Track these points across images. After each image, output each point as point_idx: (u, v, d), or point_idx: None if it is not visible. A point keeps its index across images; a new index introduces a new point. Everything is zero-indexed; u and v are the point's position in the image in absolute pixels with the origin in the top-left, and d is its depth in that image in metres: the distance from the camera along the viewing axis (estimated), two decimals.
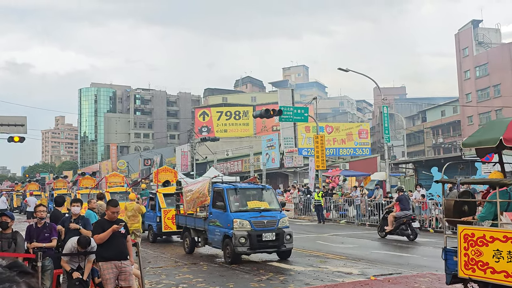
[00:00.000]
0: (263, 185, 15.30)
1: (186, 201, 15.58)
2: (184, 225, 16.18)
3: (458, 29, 70.87)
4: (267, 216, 13.45)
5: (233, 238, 12.88)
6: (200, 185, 15.41)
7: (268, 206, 13.93)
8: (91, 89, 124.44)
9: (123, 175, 32.10)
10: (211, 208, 14.32)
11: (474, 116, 64.72)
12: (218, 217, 13.87)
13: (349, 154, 55.72)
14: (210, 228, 14.19)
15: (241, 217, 13.19)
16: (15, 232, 8.58)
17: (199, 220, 14.97)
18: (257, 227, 13.12)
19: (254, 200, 14.11)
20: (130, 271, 8.17)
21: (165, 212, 18.49)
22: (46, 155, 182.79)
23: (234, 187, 14.13)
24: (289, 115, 28.55)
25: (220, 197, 13.91)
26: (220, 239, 13.61)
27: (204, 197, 14.71)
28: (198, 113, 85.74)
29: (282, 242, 13.23)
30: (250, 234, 12.91)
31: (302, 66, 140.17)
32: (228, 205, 13.49)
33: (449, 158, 28.37)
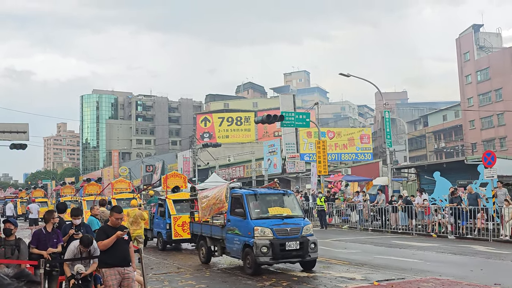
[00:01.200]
0: (285, 190, 14.30)
1: (202, 208, 14.73)
2: (199, 233, 15.20)
3: (459, 33, 71.03)
4: (290, 223, 12.54)
5: (254, 248, 12.00)
6: (216, 190, 14.43)
7: (290, 213, 13.05)
8: (93, 95, 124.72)
9: (130, 181, 31.63)
10: (229, 215, 13.40)
11: (476, 120, 64.69)
12: (237, 224, 12.97)
13: (351, 159, 55.65)
14: (229, 237, 13.28)
15: (263, 225, 12.30)
16: (18, 239, 8.58)
17: (216, 228, 14.07)
18: (279, 235, 12.23)
19: (276, 206, 13.20)
20: (133, 278, 8.16)
21: (175, 219, 17.89)
22: (48, 162, 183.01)
23: (253, 193, 13.20)
24: (290, 120, 28.56)
25: (239, 203, 13.05)
26: (239, 248, 12.72)
27: (222, 203, 13.78)
28: (200, 119, 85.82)
29: (307, 251, 12.33)
30: (272, 243, 12.04)
31: (303, 71, 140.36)
32: (248, 212, 12.62)
33: (452, 162, 28.35)
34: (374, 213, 25.64)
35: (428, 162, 39.62)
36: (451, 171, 25.41)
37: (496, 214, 19.19)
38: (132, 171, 76.34)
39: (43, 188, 54.92)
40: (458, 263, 13.91)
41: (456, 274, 11.88)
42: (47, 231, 8.86)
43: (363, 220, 25.98)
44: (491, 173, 19.55)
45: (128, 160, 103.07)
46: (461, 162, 25.80)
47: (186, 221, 17.30)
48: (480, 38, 68.96)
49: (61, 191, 43.73)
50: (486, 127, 63.63)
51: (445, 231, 20.79)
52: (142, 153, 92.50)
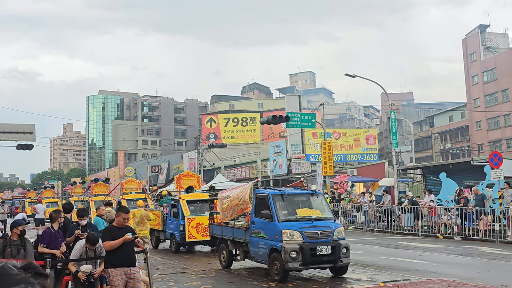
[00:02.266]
0: (313, 190, 13.36)
1: (223, 209, 13.79)
2: (219, 236, 14.34)
3: (465, 34, 70.73)
4: (320, 226, 11.65)
5: (283, 252, 11.10)
6: (239, 190, 13.48)
7: (320, 215, 12.14)
8: (98, 96, 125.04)
9: (139, 181, 30.84)
10: (253, 217, 12.50)
11: (482, 121, 64.42)
12: (262, 227, 12.08)
13: (356, 160, 55.60)
14: (253, 240, 12.38)
15: (291, 228, 11.38)
16: (23, 239, 8.63)
17: (239, 230, 13.21)
18: (309, 239, 11.33)
19: (304, 207, 12.29)
20: (139, 278, 8.18)
21: (189, 220, 17.10)
22: (55, 162, 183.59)
23: (280, 193, 12.34)
24: (296, 121, 28.49)
25: (264, 204, 12.16)
26: (265, 253, 11.82)
27: (245, 204, 12.81)
28: (205, 120, 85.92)
29: (339, 256, 11.39)
30: (302, 247, 11.11)
31: (309, 72, 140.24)
32: (275, 213, 11.73)
33: (458, 163, 28.26)
34: (380, 214, 25.58)
35: (434, 163, 39.51)
36: (457, 172, 25.33)
37: (502, 215, 19.10)
38: (138, 171, 76.50)
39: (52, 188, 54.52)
40: (464, 264, 13.85)
41: (462, 275, 11.84)
42: (54, 230, 8.90)
43: (368, 221, 25.93)
44: (498, 174, 19.47)
45: (134, 160, 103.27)
46: (468, 163, 25.74)
47: (201, 222, 16.92)
48: (486, 38, 68.67)
49: (71, 191, 43.38)
50: (493, 128, 63.36)
51: (451, 232, 20.71)
52: (148, 154, 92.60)
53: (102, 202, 24.19)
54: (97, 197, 29.98)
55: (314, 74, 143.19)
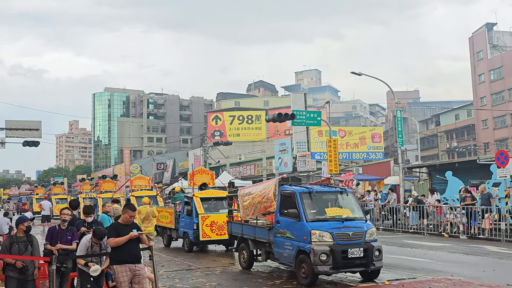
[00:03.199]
0: (342, 188, 12.55)
1: (243, 207, 13.10)
2: (239, 235, 13.65)
3: (472, 32, 70.42)
4: (351, 226, 10.90)
5: (312, 255, 10.38)
6: (262, 187, 12.75)
7: (350, 214, 11.38)
8: (104, 93, 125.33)
9: (149, 178, 29.91)
10: (278, 216, 11.78)
11: (489, 119, 64.16)
12: (288, 227, 11.34)
13: (362, 158, 55.56)
14: (278, 241, 11.71)
15: (321, 228, 10.65)
16: (29, 235, 8.67)
17: (261, 230, 12.52)
18: (340, 240, 10.59)
19: (333, 206, 11.60)
20: (144, 274, 8.20)
21: (203, 218, 16.51)
22: (60, 159, 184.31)
23: (308, 191, 11.59)
24: (302, 119, 28.44)
25: (290, 202, 11.45)
26: (292, 255, 11.11)
27: (269, 202, 12.08)
28: (211, 117, 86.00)
29: (371, 259, 10.66)
30: (333, 249, 10.39)
31: (314, 70, 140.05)
32: (303, 212, 11.01)
33: (464, 162, 28.17)
34: (385, 212, 25.53)
35: (440, 162, 39.40)
36: (463, 171, 25.25)
37: (509, 214, 19.03)
38: (143, 169, 76.65)
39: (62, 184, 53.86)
40: (470, 263, 13.82)
41: (468, 274, 11.81)
42: (60, 228, 8.93)
43: (374, 220, 25.88)
44: (504, 173, 19.39)
45: (139, 158, 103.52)
46: (474, 162, 25.64)
47: (215, 220, 16.49)
48: (493, 36, 68.35)
49: (79, 187, 42.25)
50: (499, 127, 63.10)
51: (457, 231, 20.65)
52: (153, 151, 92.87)
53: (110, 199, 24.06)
54: (105, 194, 29.70)
55: (320, 72, 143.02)
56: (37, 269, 8.45)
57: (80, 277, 8.38)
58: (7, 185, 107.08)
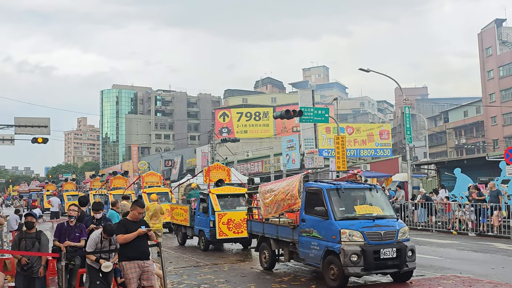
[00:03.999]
0: (371, 184, 11.81)
1: (265, 204, 12.44)
2: (260, 234, 13.03)
3: (481, 28, 69.95)
4: (383, 225, 10.29)
5: (342, 255, 9.79)
6: (285, 183, 12.04)
7: (381, 212, 10.80)
8: (112, 90, 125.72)
9: (160, 175, 29.18)
10: (303, 214, 11.13)
11: (498, 116, 63.75)
12: (315, 225, 10.71)
13: (370, 155, 55.36)
14: (303, 240, 11.06)
15: (351, 227, 10.05)
16: (39, 232, 8.73)
17: (285, 228, 11.87)
18: (372, 240, 9.99)
19: (362, 203, 11.03)
20: (153, 271, 8.23)
21: (219, 216, 15.92)
22: (69, 156, 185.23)
23: (336, 187, 10.93)
24: (309, 116, 28.38)
25: (317, 200, 10.81)
26: (319, 255, 10.48)
27: (293, 199, 11.36)
28: (218, 114, 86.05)
29: (404, 260, 10.04)
30: (364, 250, 9.80)
31: (322, 66, 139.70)
32: (332, 210, 10.38)
33: (473, 159, 28.03)
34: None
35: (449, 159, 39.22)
36: (472, 168, 25.13)
37: None
38: (151, 165, 76.87)
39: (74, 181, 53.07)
40: (478, 261, 13.75)
41: (477, 271, 11.75)
42: (68, 225, 8.97)
43: None
44: None
45: (147, 154, 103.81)
46: (482, 159, 25.51)
47: (232, 218, 15.97)
48: (502, 32, 67.89)
49: (90, 184, 41.55)
50: (508, 123, 62.68)
51: (466, 228, 20.54)
52: (161, 148, 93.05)
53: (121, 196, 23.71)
54: (116, 190, 29.30)
55: (328, 69, 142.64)
56: (42, 267, 8.48)
57: (89, 273, 8.43)
58: (16, 182, 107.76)
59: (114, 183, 32.09)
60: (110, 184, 32.41)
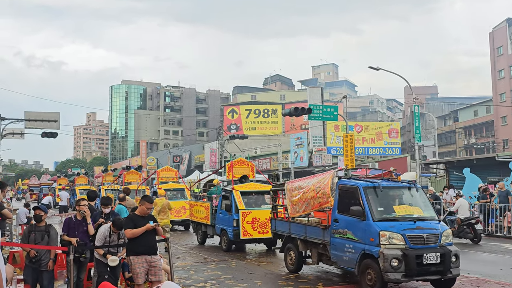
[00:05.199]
0: (410, 182, 10.97)
1: (292, 202, 11.67)
2: (286, 234, 12.25)
3: (492, 27, 69.44)
4: (425, 227, 9.52)
5: (381, 260, 9.04)
6: (316, 180, 11.18)
7: (422, 213, 10.01)
8: (122, 86, 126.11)
9: (176, 170, 27.68)
10: (336, 213, 10.35)
11: (508, 116, 63.31)
12: (350, 226, 9.92)
13: (378, 154, 55.20)
14: (336, 242, 10.26)
15: (391, 229, 9.28)
16: (48, 225, 8.78)
17: (315, 229, 11.06)
18: (413, 244, 9.22)
19: (402, 203, 10.22)
20: (160, 266, 8.27)
21: (243, 214, 14.93)
22: (78, 150, 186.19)
23: (373, 185, 10.12)
24: (318, 113, 28.28)
25: (352, 198, 10.09)
26: (354, 259, 9.71)
27: (325, 197, 10.55)
28: (227, 111, 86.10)
29: (448, 266, 9.29)
30: (406, 254, 9.03)
31: (331, 64, 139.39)
32: (369, 210, 9.62)
33: (482, 159, 27.86)
34: None
35: (458, 158, 39.01)
36: (481, 168, 24.99)
37: None
38: (160, 161, 77.16)
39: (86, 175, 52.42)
40: (487, 261, 13.69)
41: (485, 272, 11.70)
42: (76, 219, 9.02)
43: None
44: None
45: (155, 150, 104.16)
46: (492, 159, 25.36)
47: (257, 217, 14.98)
48: None
49: (102, 178, 40.61)
50: None
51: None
52: (169, 144, 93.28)
53: (135, 191, 22.12)
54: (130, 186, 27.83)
55: (337, 67, 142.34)
56: (51, 260, 8.55)
57: (98, 267, 8.48)
58: (26, 176, 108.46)
59: (127, 177, 31.08)
60: (123, 179, 31.39)
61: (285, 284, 10.52)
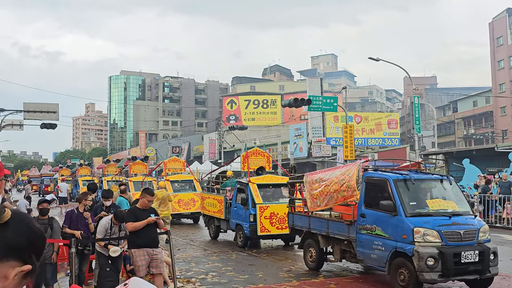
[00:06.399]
0: (443, 175, 10.34)
1: (312, 196, 10.94)
2: (305, 229, 11.52)
3: (492, 17, 69.21)
4: (461, 223, 8.91)
5: (416, 258, 8.41)
6: (339, 172, 10.46)
7: (457, 208, 9.37)
8: (120, 76, 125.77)
9: (184, 161, 26.16)
10: (362, 208, 9.71)
11: (508, 107, 63.29)
12: (379, 222, 9.31)
13: (378, 144, 55.28)
14: (363, 238, 9.63)
15: (425, 225, 8.67)
16: (51, 218, 8.79)
17: (338, 224, 10.41)
18: (450, 241, 8.62)
19: (434, 197, 9.53)
20: (161, 259, 8.30)
21: (261, 209, 14.00)
22: (77, 141, 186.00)
23: (404, 177, 9.47)
24: (318, 104, 28.28)
25: (381, 192, 9.50)
26: (384, 257, 9.08)
27: (351, 191, 9.78)
28: (226, 101, 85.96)
29: (487, 265, 8.72)
30: (443, 252, 8.41)
31: (331, 54, 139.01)
32: (401, 205, 8.96)
33: (481, 149, 27.88)
34: None
35: (457, 149, 39.05)
36: (480, 159, 24.99)
37: None
38: (159, 152, 77.13)
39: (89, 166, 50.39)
40: None
41: None
42: (78, 212, 9.03)
43: None
44: None
45: (154, 141, 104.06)
46: (491, 150, 25.35)
47: (275, 212, 14.05)
48: None
49: (104, 169, 38.94)
50: None
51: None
52: (168, 135, 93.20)
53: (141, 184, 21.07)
54: (136, 177, 26.92)
55: (336, 57, 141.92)
56: (54, 253, 8.57)
57: (99, 260, 8.50)
58: (25, 166, 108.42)
59: (133, 169, 29.73)
60: (129, 170, 29.91)
61: (285, 276, 10.55)
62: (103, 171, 38.67)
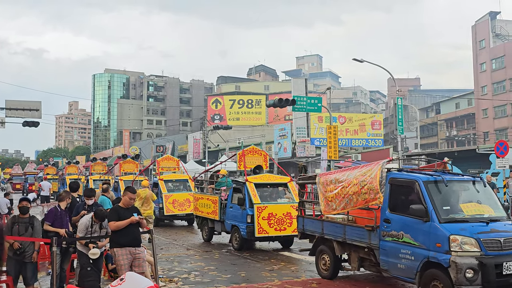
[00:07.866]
0: (474, 176, 9.35)
1: (327, 198, 10.00)
2: (318, 235, 10.57)
3: (475, 20, 70.05)
4: (500, 230, 7.95)
5: (453, 270, 7.50)
6: (359, 173, 9.44)
7: (493, 213, 8.48)
8: (104, 75, 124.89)
9: (178, 159, 25.55)
10: (387, 212, 8.78)
11: (489, 109, 64.10)
12: (407, 228, 8.35)
13: (361, 145, 55.63)
14: (387, 246, 8.66)
15: (462, 233, 7.74)
16: (32, 217, 8.71)
17: (357, 229, 9.47)
18: (489, 250, 7.65)
19: (468, 201, 8.63)
20: (144, 258, 8.27)
21: (259, 209, 13.43)
22: (60, 139, 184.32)
23: (436, 179, 8.54)
24: (302, 105, 28.34)
25: (408, 194, 8.67)
26: (413, 267, 8.13)
27: (373, 193, 8.84)
28: (211, 101, 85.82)
29: None
30: (483, 263, 7.48)
31: (316, 55, 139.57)
32: (434, 210, 8.06)
33: (463, 151, 28.24)
34: None
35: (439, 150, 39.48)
36: (462, 160, 25.34)
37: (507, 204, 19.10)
38: (143, 151, 76.74)
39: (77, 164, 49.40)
40: None
41: None
42: (61, 209, 8.98)
43: None
44: (503, 163, 19.45)
45: (138, 140, 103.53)
46: (473, 151, 25.75)
47: (273, 212, 13.49)
48: (496, 25, 68.00)
49: (90, 168, 37.70)
50: (499, 116, 63.06)
51: None
52: (152, 134, 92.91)
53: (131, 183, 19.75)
54: (126, 176, 25.98)
55: (321, 58, 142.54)
56: (35, 252, 8.50)
57: (80, 259, 8.45)
58: (7, 165, 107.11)
59: (124, 167, 28.51)
60: (119, 169, 29.06)
61: (268, 276, 10.58)
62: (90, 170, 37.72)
